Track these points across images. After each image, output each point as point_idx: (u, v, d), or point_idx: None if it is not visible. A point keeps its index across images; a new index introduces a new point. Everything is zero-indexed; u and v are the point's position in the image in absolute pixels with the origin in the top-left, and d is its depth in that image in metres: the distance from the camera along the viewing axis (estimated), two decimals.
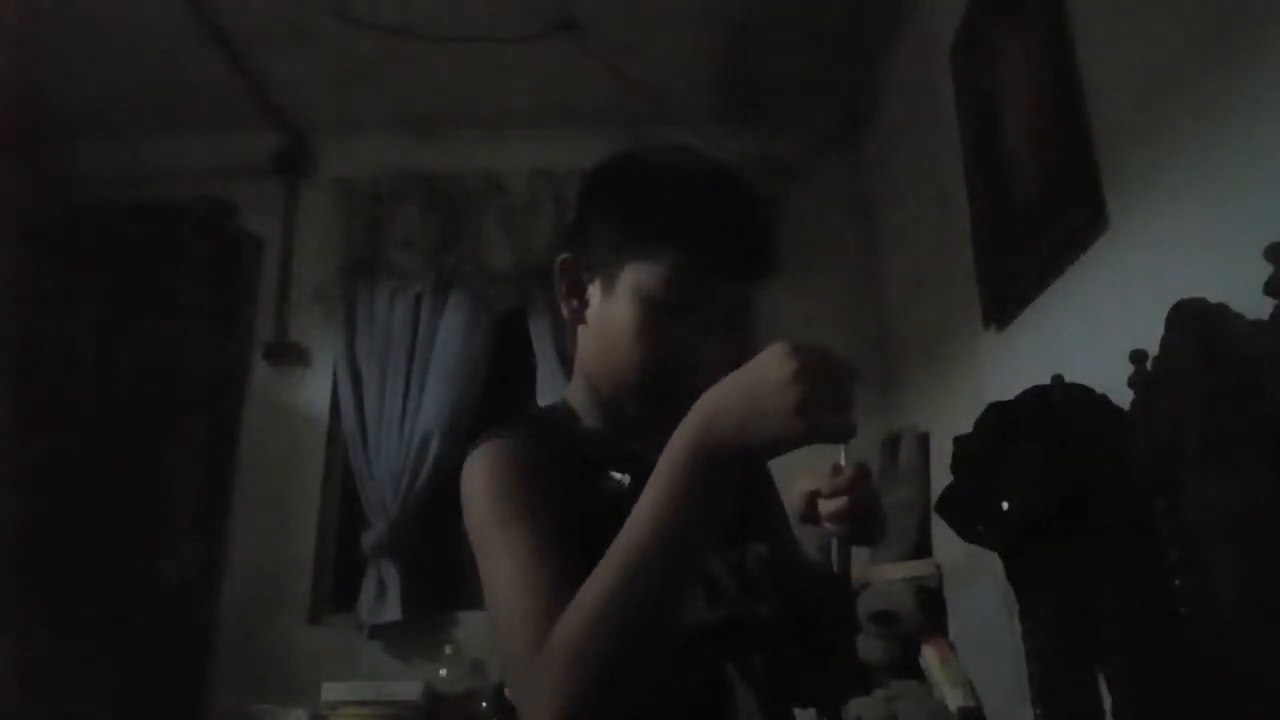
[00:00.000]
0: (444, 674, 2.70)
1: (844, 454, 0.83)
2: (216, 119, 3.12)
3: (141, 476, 2.85)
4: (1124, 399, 1.40)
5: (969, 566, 2.14)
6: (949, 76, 2.29)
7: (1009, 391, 1.66)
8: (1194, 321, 1.24)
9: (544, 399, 2.76)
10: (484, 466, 0.83)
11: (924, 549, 2.43)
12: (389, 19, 2.71)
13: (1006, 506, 1.54)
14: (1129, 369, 1.37)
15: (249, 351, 3.07)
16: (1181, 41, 1.39)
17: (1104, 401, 1.48)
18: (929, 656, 2.26)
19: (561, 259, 0.94)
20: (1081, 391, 1.53)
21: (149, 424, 2.91)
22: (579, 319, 0.94)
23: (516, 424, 0.90)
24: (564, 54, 2.86)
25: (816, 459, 0.83)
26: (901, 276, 2.91)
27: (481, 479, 0.82)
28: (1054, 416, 1.53)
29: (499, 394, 3.01)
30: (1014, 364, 1.95)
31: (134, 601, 2.71)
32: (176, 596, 2.75)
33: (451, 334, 2.99)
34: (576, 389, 0.97)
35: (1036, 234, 1.83)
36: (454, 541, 0.87)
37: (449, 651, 2.75)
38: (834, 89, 3.08)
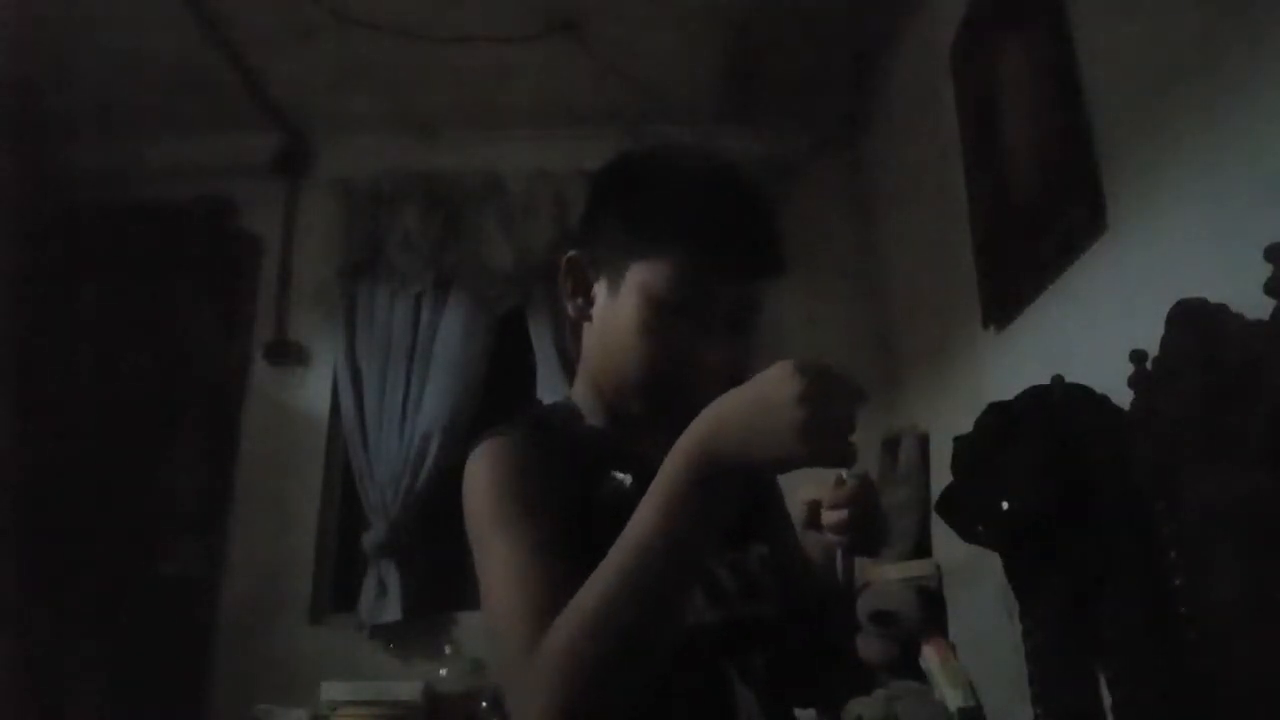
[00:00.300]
0: (444, 674, 2.70)
1: None
2: (216, 119, 3.11)
3: (141, 476, 2.85)
4: (1124, 399, 1.40)
5: (969, 566, 2.14)
6: (949, 76, 2.29)
7: (1009, 391, 1.66)
8: (1194, 321, 1.24)
9: (544, 399, 2.76)
10: (485, 464, 0.83)
11: (924, 549, 2.44)
12: (389, 19, 2.70)
13: (1006, 506, 1.55)
14: (1129, 369, 1.38)
15: (249, 351, 3.06)
16: (1181, 41, 1.39)
17: (1104, 401, 1.48)
18: (929, 656, 2.26)
19: (567, 256, 0.94)
20: (1081, 391, 1.53)
21: (149, 424, 2.91)
22: (584, 317, 0.94)
23: (519, 422, 0.90)
24: (564, 54, 2.86)
25: (819, 470, 0.83)
26: (901, 276, 2.91)
27: (482, 477, 0.82)
28: (1054, 416, 1.53)
29: (499, 394, 3.00)
30: (1014, 364, 1.95)
31: (134, 601, 2.71)
32: (176, 596, 2.75)
33: (451, 334, 2.99)
34: (580, 387, 0.97)
35: (1036, 234, 1.83)
36: (454, 541, 0.86)
37: (449, 651, 2.75)
38: (834, 89, 3.08)
